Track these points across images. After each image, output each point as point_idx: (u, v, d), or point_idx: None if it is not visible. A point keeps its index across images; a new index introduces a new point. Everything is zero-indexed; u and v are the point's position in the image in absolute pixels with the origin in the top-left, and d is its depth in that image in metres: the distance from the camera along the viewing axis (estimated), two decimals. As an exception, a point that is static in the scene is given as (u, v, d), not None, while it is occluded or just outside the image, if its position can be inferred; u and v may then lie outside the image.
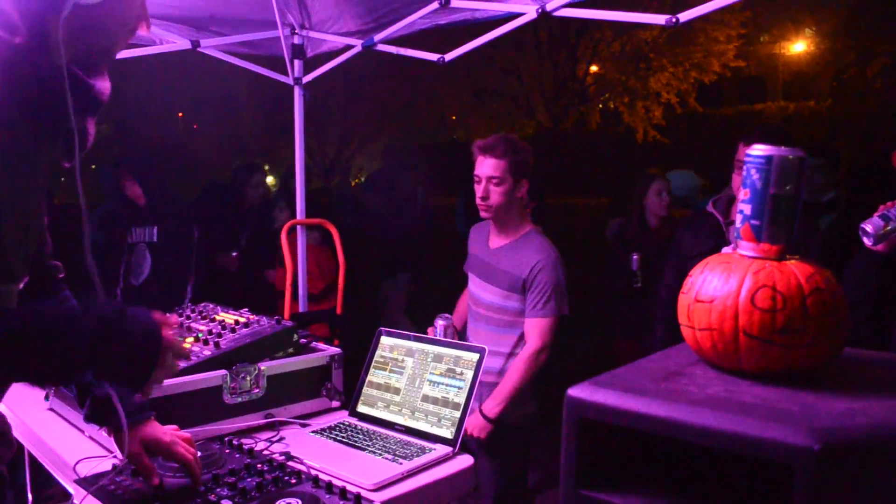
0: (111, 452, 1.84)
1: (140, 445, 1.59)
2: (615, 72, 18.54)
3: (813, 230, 2.81)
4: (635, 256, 4.14)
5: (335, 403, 2.29)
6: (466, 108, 20.10)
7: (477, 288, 2.90)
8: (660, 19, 2.38)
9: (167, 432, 1.65)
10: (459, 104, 19.75)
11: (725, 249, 1.22)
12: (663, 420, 0.95)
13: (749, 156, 1.13)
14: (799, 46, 20.65)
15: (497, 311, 2.81)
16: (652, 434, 0.96)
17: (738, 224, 1.15)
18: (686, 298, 1.16)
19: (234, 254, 4.74)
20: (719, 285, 1.11)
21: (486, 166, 2.72)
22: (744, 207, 1.14)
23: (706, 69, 17.40)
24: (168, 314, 2.29)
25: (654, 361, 1.19)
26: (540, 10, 2.58)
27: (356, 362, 2.35)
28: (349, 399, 2.29)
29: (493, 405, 2.71)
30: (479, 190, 2.75)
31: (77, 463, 1.82)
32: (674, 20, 2.32)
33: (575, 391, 1.03)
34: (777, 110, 19.60)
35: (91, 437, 1.97)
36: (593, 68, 19.48)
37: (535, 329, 2.72)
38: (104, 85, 1.33)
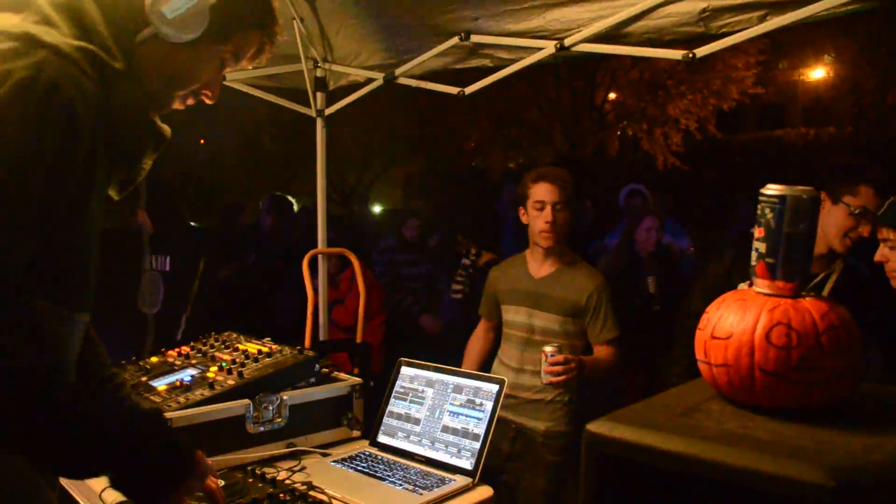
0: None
1: None
2: (634, 99, 18.58)
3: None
4: (650, 279, 4.13)
5: (355, 433, 2.32)
6: (485, 136, 20.20)
7: (524, 317, 2.94)
8: (677, 54, 2.41)
9: None
10: (478, 132, 19.86)
11: (741, 286, 1.24)
12: (680, 456, 0.97)
13: (763, 195, 1.15)
14: (818, 72, 20.61)
15: (556, 336, 2.85)
16: (669, 470, 0.98)
17: (752, 262, 1.17)
18: (703, 335, 1.18)
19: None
20: (735, 322, 1.13)
21: (542, 192, 2.85)
22: (758, 245, 1.16)
23: (725, 96, 17.39)
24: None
25: (671, 397, 1.20)
26: (559, 46, 2.63)
27: (377, 391, 2.38)
28: (369, 428, 2.31)
29: (590, 365, 2.73)
30: (545, 216, 2.83)
31: (103, 490, 1.86)
32: (691, 55, 2.36)
33: (594, 427, 1.05)
34: (797, 137, 19.53)
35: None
36: (612, 95, 19.54)
37: (610, 352, 2.85)
38: (164, 126, 1.35)
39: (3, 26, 1.07)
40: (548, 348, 2.61)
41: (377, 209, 16.77)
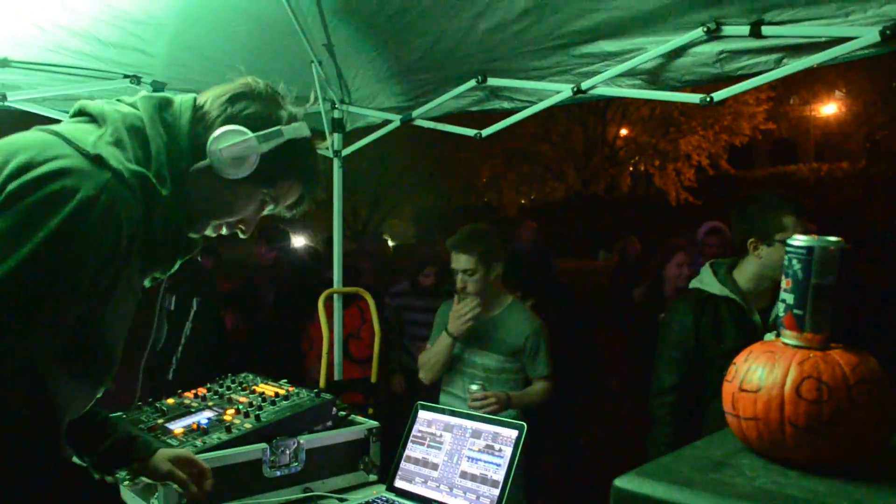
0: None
1: (169, 462, 1.72)
2: (645, 135, 18.68)
3: None
4: None
5: (372, 477, 2.29)
6: (497, 172, 20.30)
7: (469, 354, 3.18)
8: (694, 98, 2.43)
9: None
10: (490, 167, 19.96)
11: (767, 336, 1.23)
12: (712, 515, 0.95)
13: (790, 246, 1.15)
14: (830, 108, 20.68)
15: (496, 373, 3.12)
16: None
17: (780, 313, 1.16)
18: (730, 387, 1.16)
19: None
20: (764, 375, 1.11)
21: (459, 261, 3.06)
22: (786, 297, 1.15)
23: (737, 131, 17.46)
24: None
25: (698, 449, 1.18)
26: (575, 89, 2.65)
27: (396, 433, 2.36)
28: (385, 472, 2.29)
29: (517, 398, 3.04)
30: (458, 282, 3.09)
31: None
32: (708, 99, 2.37)
33: (622, 482, 1.03)
34: (809, 172, 19.53)
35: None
36: (623, 131, 19.66)
37: (544, 386, 3.13)
38: (195, 237, 1.56)
39: (82, 141, 1.29)
40: (472, 387, 2.91)
41: (389, 244, 16.80)
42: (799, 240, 1.14)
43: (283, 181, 1.54)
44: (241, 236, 1.61)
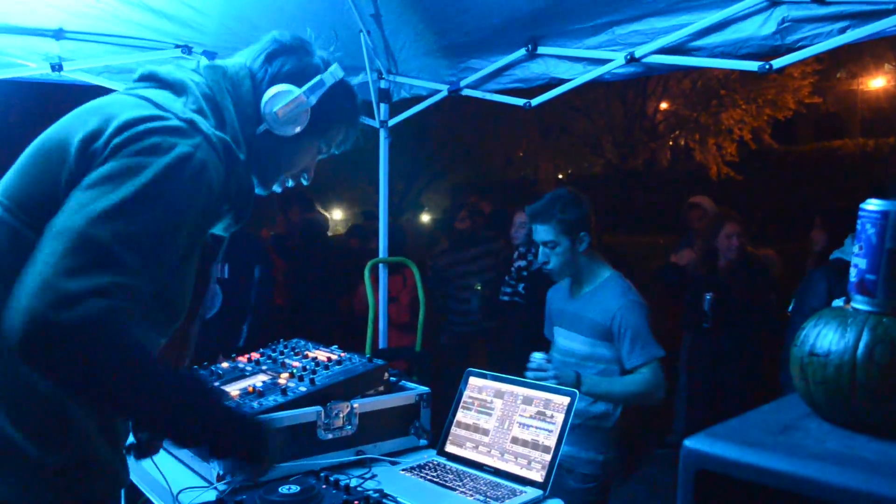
0: (212, 483, 1.92)
1: None
2: (686, 109, 18.33)
3: None
4: (708, 296, 4.07)
5: (422, 442, 2.33)
6: (534, 146, 20.13)
7: (565, 339, 2.82)
8: (752, 66, 2.38)
9: None
10: (528, 141, 19.80)
11: (836, 303, 1.22)
12: (785, 475, 0.95)
13: (864, 210, 1.13)
14: (878, 82, 20.05)
15: (583, 359, 2.73)
16: (772, 488, 0.96)
17: (852, 278, 1.15)
18: (799, 351, 1.16)
19: None
20: (835, 339, 1.11)
21: (538, 233, 2.71)
22: (858, 262, 1.14)
23: (781, 105, 17.02)
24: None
25: (765, 413, 1.18)
26: (629, 57, 2.61)
27: (445, 400, 2.39)
28: (435, 437, 2.32)
29: (592, 384, 2.55)
30: (539, 256, 2.76)
31: (179, 493, 1.90)
32: (767, 66, 2.32)
33: (692, 442, 1.04)
34: (855, 147, 19.03)
35: (191, 468, 2.05)
36: (663, 105, 19.31)
37: (636, 380, 2.61)
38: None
39: (174, 108, 1.37)
40: (535, 354, 2.52)
41: (426, 218, 16.86)
42: (873, 203, 1.12)
43: (334, 126, 1.66)
44: (305, 183, 1.74)
